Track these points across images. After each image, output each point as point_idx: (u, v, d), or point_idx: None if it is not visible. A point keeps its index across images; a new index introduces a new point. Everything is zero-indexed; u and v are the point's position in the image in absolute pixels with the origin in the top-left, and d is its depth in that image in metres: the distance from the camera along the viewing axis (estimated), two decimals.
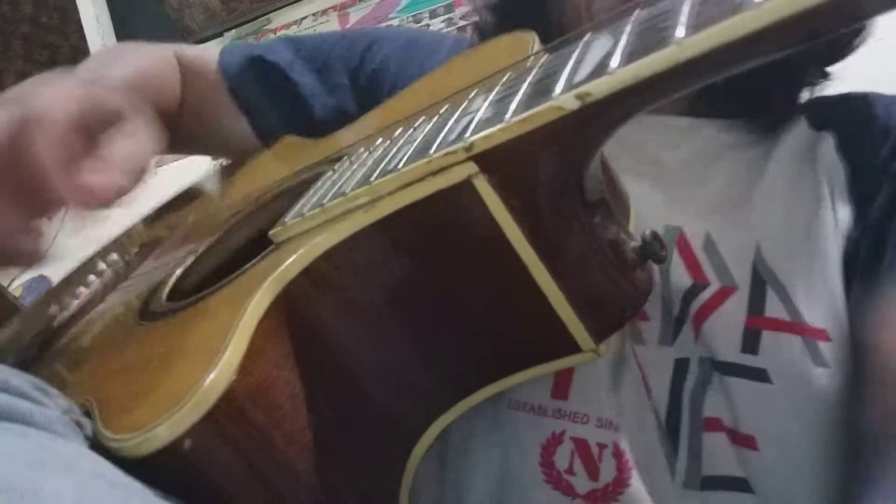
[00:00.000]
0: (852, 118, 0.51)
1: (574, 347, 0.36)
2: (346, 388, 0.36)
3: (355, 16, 1.61)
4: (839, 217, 0.46)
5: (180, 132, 0.63)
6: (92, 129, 0.37)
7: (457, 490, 0.44)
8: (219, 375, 0.29)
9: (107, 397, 0.33)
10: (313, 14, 1.65)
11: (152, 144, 0.39)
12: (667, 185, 0.48)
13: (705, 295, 0.44)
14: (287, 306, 0.34)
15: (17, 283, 1.32)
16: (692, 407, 0.42)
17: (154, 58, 0.62)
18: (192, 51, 0.66)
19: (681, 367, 0.43)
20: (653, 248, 0.36)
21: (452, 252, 0.35)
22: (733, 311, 0.43)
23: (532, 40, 0.43)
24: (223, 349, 0.30)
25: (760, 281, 0.44)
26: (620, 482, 0.41)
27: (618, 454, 0.41)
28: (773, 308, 0.43)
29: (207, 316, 0.36)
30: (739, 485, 0.41)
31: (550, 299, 0.35)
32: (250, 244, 0.51)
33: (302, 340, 0.34)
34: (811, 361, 0.42)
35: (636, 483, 0.41)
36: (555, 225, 0.34)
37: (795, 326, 0.42)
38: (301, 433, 0.33)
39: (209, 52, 0.65)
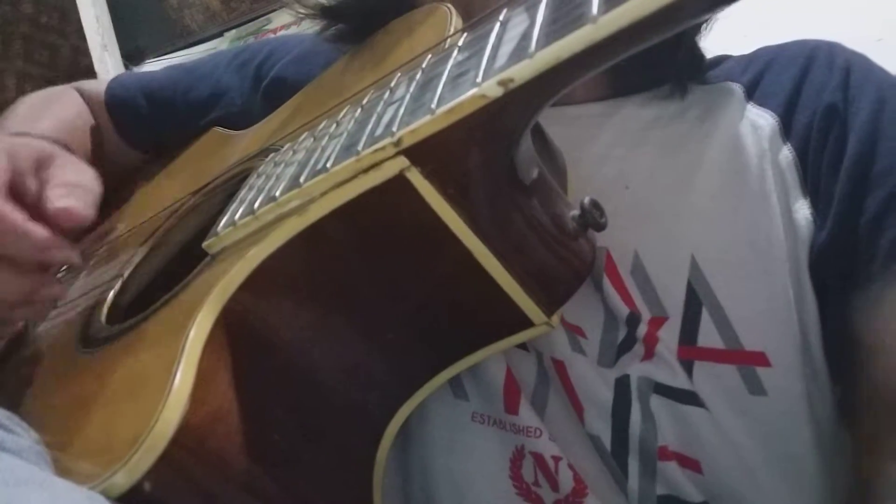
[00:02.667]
0: (792, 90, 0.44)
1: (527, 322, 0.37)
2: (305, 393, 0.36)
3: None
4: (796, 218, 0.41)
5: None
6: (26, 174, 0.42)
7: (425, 501, 0.43)
8: (170, 411, 0.28)
9: (59, 443, 0.32)
10: None
11: (89, 170, 0.44)
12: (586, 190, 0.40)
13: (643, 325, 0.41)
14: (231, 323, 0.33)
15: None
16: (643, 443, 0.40)
17: (61, 98, 0.66)
18: (88, 84, 0.69)
19: (621, 386, 0.41)
20: (592, 217, 0.36)
21: (394, 245, 0.35)
22: (666, 342, 0.40)
23: (449, 11, 0.42)
24: (171, 381, 0.29)
25: (695, 303, 0.40)
26: (579, 492, 0.41)
27: (571, 466, 0.41)
28: (707, 336, 0.40)
29: (149, 343, 0.34)
30: None
31: (497, 280, 0.35)
32: (187, 249, 0.49)
33: (252, 354, 0.34)
34: (747, 392, 0.39)
35: (592, 495, 0.40)
36: (493, 208, 0.34)
37: (730, 355, 0.40)
38: (265, 450, 0.32)
39: (102, 83, 0.68)
